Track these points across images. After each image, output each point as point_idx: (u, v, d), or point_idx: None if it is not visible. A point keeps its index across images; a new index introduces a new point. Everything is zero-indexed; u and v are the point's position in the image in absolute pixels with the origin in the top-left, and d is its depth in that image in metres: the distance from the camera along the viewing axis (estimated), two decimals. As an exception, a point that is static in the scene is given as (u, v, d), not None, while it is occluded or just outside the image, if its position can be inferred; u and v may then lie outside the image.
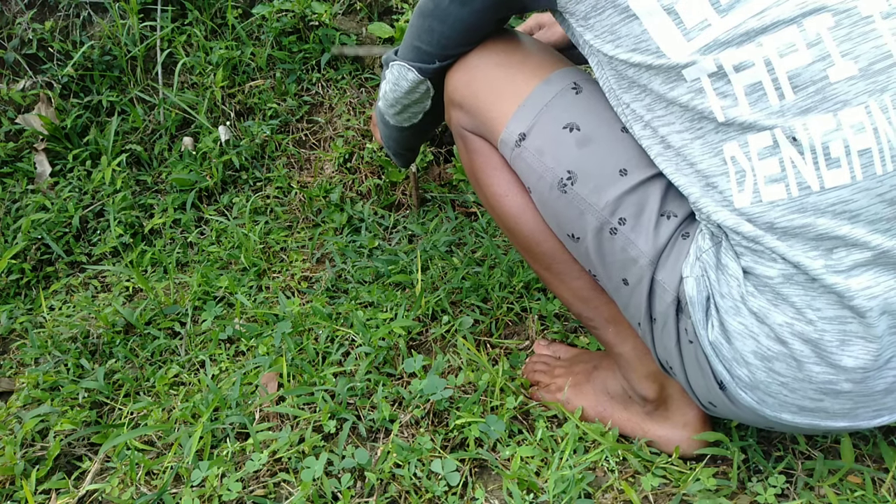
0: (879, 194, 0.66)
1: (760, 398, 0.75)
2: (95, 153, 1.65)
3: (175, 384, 1.17)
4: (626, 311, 0.86)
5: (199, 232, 1.56)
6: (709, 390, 0.79)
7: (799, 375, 0.72)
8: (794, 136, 0.67)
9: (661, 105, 0.75)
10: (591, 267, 0.86)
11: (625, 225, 0.79)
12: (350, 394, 1.06)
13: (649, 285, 0.79)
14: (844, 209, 0.67)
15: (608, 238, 0.81)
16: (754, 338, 0.72)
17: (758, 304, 0.71)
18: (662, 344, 0.82)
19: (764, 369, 0.73)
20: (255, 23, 1.72)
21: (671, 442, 0.94)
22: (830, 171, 0.66)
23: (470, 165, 0.97)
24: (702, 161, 0.73)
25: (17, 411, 1.14)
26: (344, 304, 1.27)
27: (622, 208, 0.79)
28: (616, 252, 0.80)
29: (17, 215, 1.57)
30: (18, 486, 1.00)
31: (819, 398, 0.73)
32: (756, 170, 0.69)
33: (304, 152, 1.66)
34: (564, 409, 1.00)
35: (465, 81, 0.93)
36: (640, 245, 0.78)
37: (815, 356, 0.71)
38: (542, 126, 0.85)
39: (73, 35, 1.71)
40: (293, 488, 0.94)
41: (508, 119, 0.87)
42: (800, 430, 0.80)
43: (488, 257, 1.33)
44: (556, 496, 0.88)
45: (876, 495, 0.86)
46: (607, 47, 0.77)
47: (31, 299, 1.48)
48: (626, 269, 0.80)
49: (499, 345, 1.18)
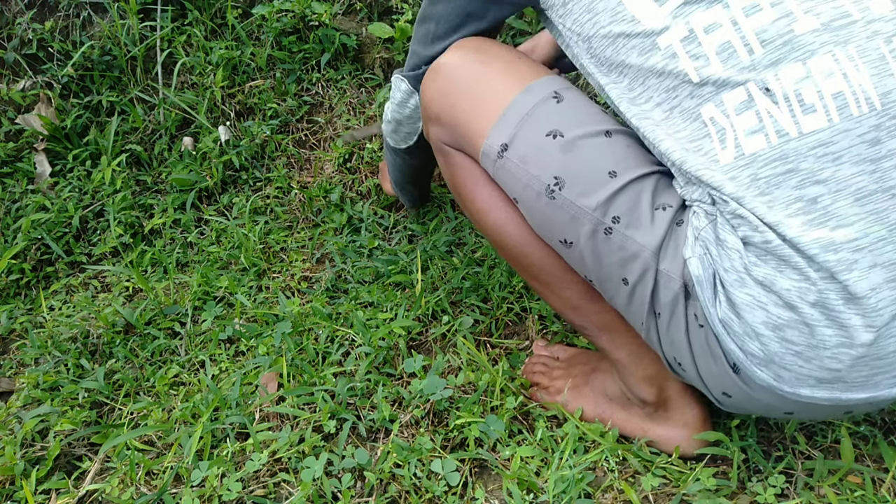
0: (859, 134, 0.67)
1: (776, 373, 0.72)
2: (95, 153, 1.65)
3: (175, 384, 1.17)
4: (628, 311, 0.84)
5: (199, 232, 1.57)
6: (722, 378, 0.78)
7: (812, 342, 0.69)
8: (767, 86, 0.69)
9: (640, 81, 0.78)
10: (586, 272, 0.85)
11: (619, 223, 0.78)
12: (350, 394, 1.06)
13: (654, 278, 0.78)
14: (826, 151, 0.67)
15: (603, 239, 0.80)
16: (763, 308, 0.71)
17: (762, 273, 0.70)
18: (669, 338, 0.80)
19: (776, 339, 0.71)
20: (255, 23, 1.72)
21: (671, 441, 0.94)
22: (807, 117, 0.68)
23: (452, 181, 0.96)
24: (684, 129, 0.75)
25: (17, 411, 1.14)
26: (344, 304, 1.27)
27: (614, 207, 0.78)
28: (613, 252, 0.79)
29: (17, 215, 1.57)
30: (18, 486, 1.00)
31: (836, 367, 0.70)
32: (735, 125, 0.71)
33: (304, 152, 1.66)
34: (564, 411, 1.01)
35: (442, 92, 0.91)
36: (640, 239, 0.78)
37: (824, 318, 0.69)
38: (524, 135, 0.83)
39: (73, 35, 1.71)
40: (293, 488, 0.94)
41: (489, 131, 0.86)
42: (818, 413, 0.77)
43: (488, 257, 1.33)
44: (556, 496, 0.89)
45: (876, 495, 0.86)
46: (587, 27, 0.81)
47: (31, 299, 1.48)
48: (625, 267, 0.79)
49: (499, 345, 1.18)
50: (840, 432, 0.93)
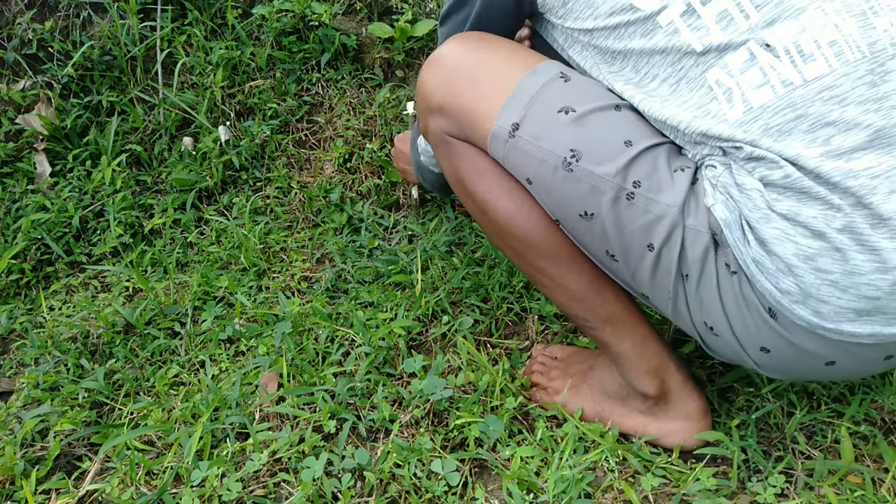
0: (858, 77, 0.71)
1: (815, 309, 0.72)
2: (95, 153, 1.65)
3: (175, 384, 1.17)
4: (653, 283, 0.83)
5: (199, 232, 1.56)
6: (759, 329, 0.77)
7: (846, 268, 0.70)
8: (767, 43, 0.74)
9: (644, 61, 0.82)
10: (608, 245, 0.84)
11: (641, 187, 0.79)
12: (350, 394, 1.06)
13: (682, 236, 0.78)
14: (831, 95, 0.71)
15: (626, 205, 0.80)
16: (792, 240, 0.72)
17: (786, 206, 0.72)
18: (699, 300, 0.80)
19: (811, 270, 0.71)
20: (255, 23, 1.72)
21: (673, 435, 0.94)
22: (808, 65, 0.73)
23: (455, 173, 0.95)
24: (691, 98, 0.79)
25: (17, 411, 1.14)
26: (344, 304, 1.27)
27: (634, 172, 0.79)
28: (637, 217, 0.79)
29: (17, 215, 1.57)
30: (18, 486, 1.00)
31: (875, 295, 0.70)
32: (740, 83, 0.75)
33: (304, 152, 1.66)
34: (563, 411, 1.01)
35: (445, 82, 0.91)
36: (664, 199, 0.78)
37: (854, 243, 0.70)
38: (535, 113, 0.84)
39: (73, 35, 1.71)
40: (293, 488, 0.94)
41: (497, 113, 0.86)
42: (859, 362, 0.76)
43: (488, 257, 1.33)
44: (556, 496, 0.89)
45: (876, 495, 0.86)
46: (588, 23, 0.85)
47: (31, 299, 1.48)
48: (650, 231, 0.79)
49: (499, 345, 1.18)
50: (840, 432, 0.93)
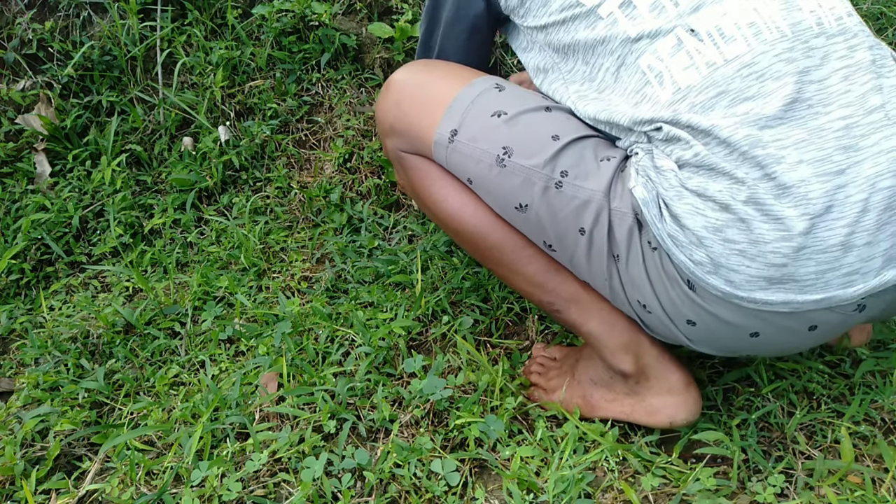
0: (776, 55, 0.77)
1: (727, 278, 0.76)
2: (95, 153, 1.65)
3: (175, 384, 1.17)
4: (590, 267, 0.88)
5: (199, 232, 1.57)
6: (682, 302, 0.81)
7: (752, 237, 0.74)
8: (692, 28, 0.81)
9: (590, 52, 0.88)
10: (544, 234, 0.90)
11: (567, 176, 0.86)
12: (350, 394, 1.06)
13: (608, 218, 0.83)
14: (750, 71, 0.77)
15: (555, 194, 0.86)
16: (701, 213, 0.77)
17: (696, 183, 0.77)
18: (630, 278, 0.85)
19: (719, 241, 0.76)
20: (255, 23, 1.72)
21: (662, 412, 0.95)
22: (728, 46, 0.79)
23: (409, 183, 1.03)
24: (629, 83, 0.85)
25: (17, 411, 1.14)
26: (344, 304, 1.27)
27: (561, 163, 0.86)
28: (566, 204, 0.85)
29: (17, 215, 1.57)
30: (18, 486, 1.00)
31: (781, 262, 0.74)
32: (669, 67, 0.81)
33: (304, 152, 1.66)
34: (562, 409, 1.01)
35: (393, 103, 0.99)
36: (589, 185, 0.85)
37: (759, 213, 0.74)
38: (471, 119, 0.92)
39: (73, 35, 1.71)
40: (293, 488, 0.95)
41: (438, 122, 0.94)
42: (785, 335, 0.79)
43: (488, 257, 1.33)
44: (556, 496, 0.89)
45: (876, 495, 0.86)
46: (543, 19, 0.93)
47: (31, 299, 1.48)
48: (580, 216, 0.85)
49: (499, 345, 1.18)
50: (840, 432, 0.93)
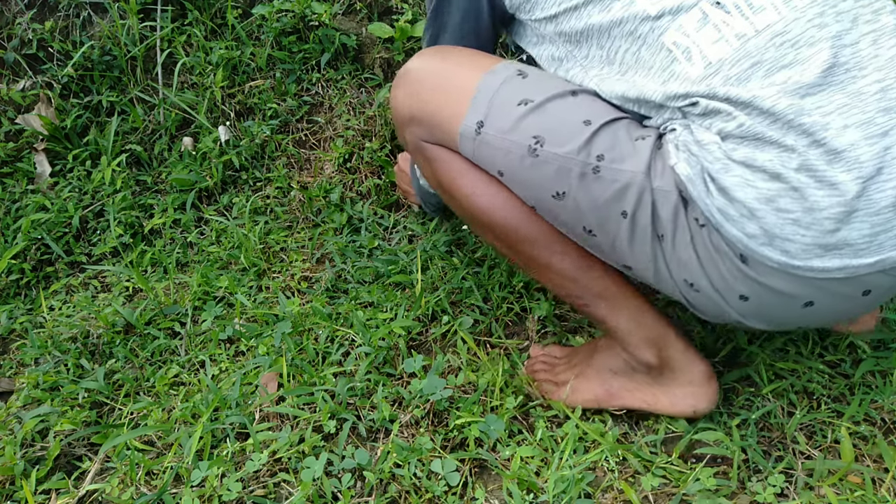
0: (808, 20, 0.75)
1: (782, 248, 0.74)
2: (95, 153, 1.65)
3: (175, 384, 1.17)
4: (632, 251, 0.86)
5: (199, 232, 1.56)
6: (734, 277, 0.79)
7: (806, 205, 0.72)
8: (718, 1, 0.79)
9: (606, 36, 0.86)
10: (584, 221, 0.87)
11: (604, 160, 0.83)
12: (350, 394, 1.06)
13: (651, 198, 0.81)
14: (784, 40, 0.75)
15: (593, 179, 0.83)
16: (751, 185, 0.75)
17: (742, 154, 0.75)
18: (677, 258, 0.83)
19: (772, 211, 0.74)
20: (255, 23, 1.72)
21: (683, 402, 0.96)
22: (758, 15, 0.77)
23: (434, 176, 0.98)
24: (654, 62, 0.82)
25: (17, 411, 1.14)
26: (344, 304, 1.27)
27: (595, 147, 0.83)
28: (606, 188, 0.83)
29: (17, 215, 1.57)
30: (18, 486, 1.00)
31: (834, 227, 0.72)
32: (697, 42, 0.79)
33: (304, 152, 1.66)
34: (564, 407, 1.01)
35: (411, 94, 0.95)
36: (629, 167, 0.82)
37: (812, 180, 0.72)
38: (497, 109, 0.88)
39: (73, 35, 1.71)
40: (293, 488, 0.95)
41: (464, 114, 0.90)
42: (839, 301, 0.78)
43: (488, 257, 1.33)
44: (556, 496, 0.89)
45: (876, 495, 0.86)
46: (553, 9, 0.91)
47: (31, 299, 1.48)
48: (621, 199, 0.82)
49: (499, 345, 1.18)
50: (840, 432, 0.93)
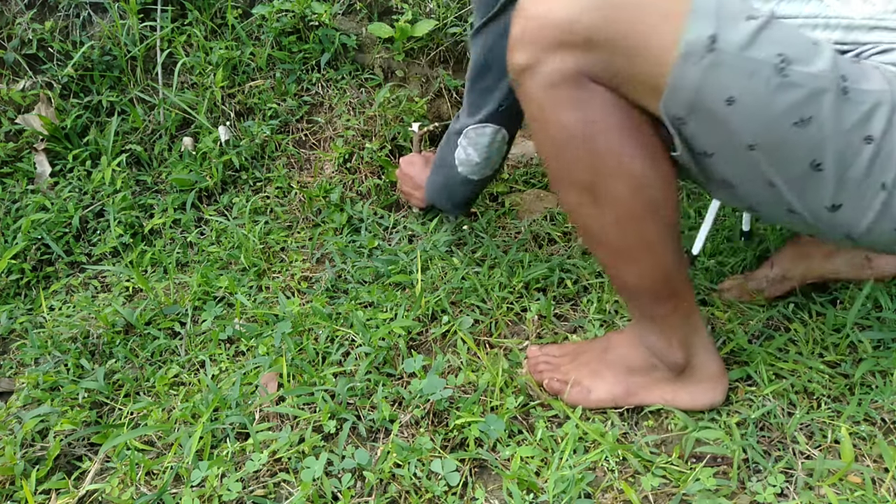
0: None
1: None
2: (95, 153, 1.65)
3: (175, 384, 1.17)
4: (867, 177, 0.79)
5: (199, 232, 1.57)
6: None
7: None
8: None
9: None
10: (817, 152, 0.79)
11: (848, 80, 0.77)
12: (350, 394, 1.06)
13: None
14: None
15: (843, 100, 0.77)
16: None
17: None
18: None
19: None
20: (255, 23, 1.72)
21: (701, 397, 1.00)
22: None
23: (584, 127, 0.80)
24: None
25: (17, 411, 1.14)
26: (344, 304, 1.27)
27: (839, 68, 0.77)
28: (853, 111, 0.77)
29: (17, 215, 1.57)
30: (18, 486, 1.00)
31: None
32: None
33: (304, 152, 1.66)
34: (566, 408, 1.01)
35: (592, 6, 0.76)
36: (875, 86, 0.77)
37: None
38: (726, 21, 0.75)
39: (73, 35, 1.71)
40: (293, 488, 0.95)
41: (681, 28, 0.75)
42: None
43: (488, 257, 1.33)
44: (556, 496, 0.89)
45: (876, 495, 0.86)
46: None
47: (31, 299, 1.48)
48: (868, 121, 0.77)
49: (499, 345, 1.18)
50: (840, 432, 0.93)
